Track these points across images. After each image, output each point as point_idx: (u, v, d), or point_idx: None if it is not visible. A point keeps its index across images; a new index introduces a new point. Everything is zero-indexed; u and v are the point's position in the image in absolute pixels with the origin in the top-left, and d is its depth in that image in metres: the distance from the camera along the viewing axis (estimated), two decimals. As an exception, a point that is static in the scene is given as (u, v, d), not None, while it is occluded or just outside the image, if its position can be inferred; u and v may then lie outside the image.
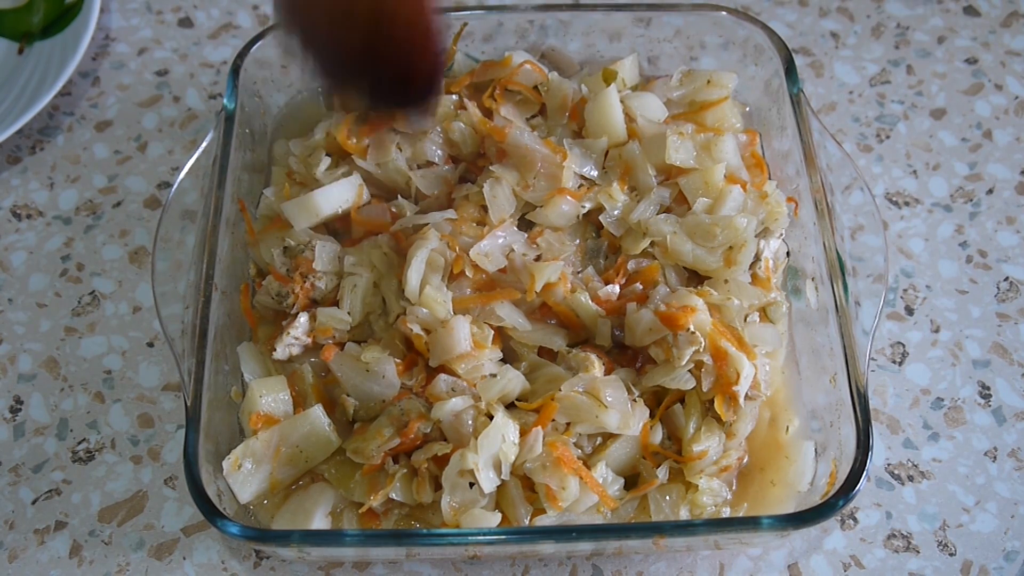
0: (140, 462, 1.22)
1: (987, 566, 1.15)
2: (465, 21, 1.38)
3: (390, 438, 1.06)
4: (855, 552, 1.16)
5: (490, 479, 1.04)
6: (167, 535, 1.18)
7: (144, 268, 1.37)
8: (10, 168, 1.47)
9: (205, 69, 1.57)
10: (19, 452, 1.23)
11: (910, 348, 1.30)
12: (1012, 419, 1.25)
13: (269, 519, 1.09)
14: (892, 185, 1.44)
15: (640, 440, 1.11)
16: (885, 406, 1.26)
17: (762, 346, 1.16)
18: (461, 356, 1.11)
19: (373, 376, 1.12)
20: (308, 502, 1.09)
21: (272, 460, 1.09)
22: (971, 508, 1.19)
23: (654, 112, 1.29)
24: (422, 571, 1.15)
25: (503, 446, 1.04)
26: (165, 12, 1.64)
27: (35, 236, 1.40)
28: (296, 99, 1.42)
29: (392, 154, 1.25)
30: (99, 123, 1.52)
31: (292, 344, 1.17)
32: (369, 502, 1.06)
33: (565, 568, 1.16)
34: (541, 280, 1.15)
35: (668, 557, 1.15)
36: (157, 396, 1.27)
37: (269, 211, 1.29)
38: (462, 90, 1.32)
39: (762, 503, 1.11)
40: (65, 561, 1.16)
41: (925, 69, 1.55)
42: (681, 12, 1.38)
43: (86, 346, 1.31)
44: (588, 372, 1.10)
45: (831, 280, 1.14)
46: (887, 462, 1.22)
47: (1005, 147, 1.47)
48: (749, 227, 1.17)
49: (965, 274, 1.36)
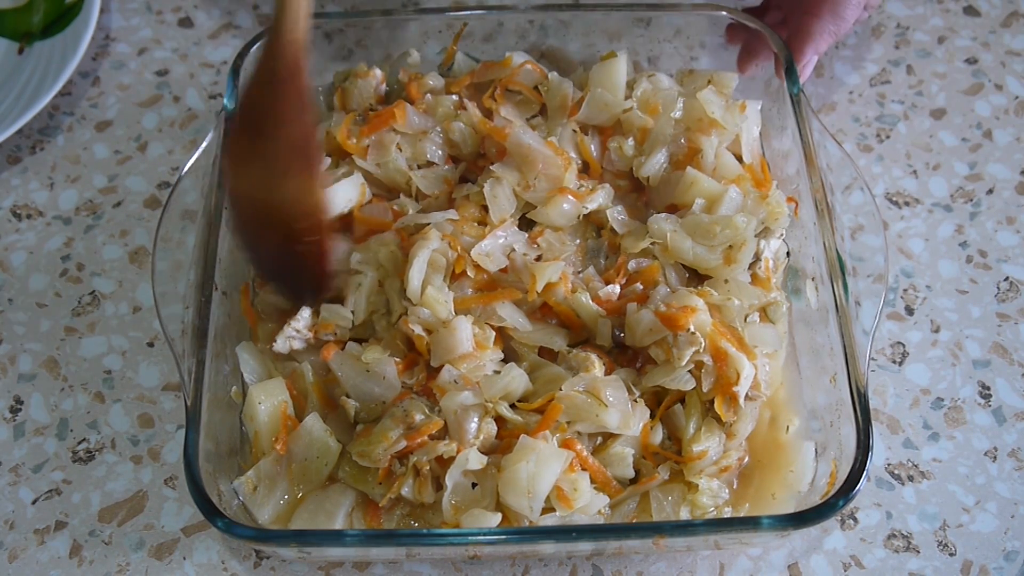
0: (140, 462, 1.22)
1: (987, 566, 1.15)
2: (465, 21, 1.38)
3: (396, 440, 1.06)
4: (855, 552, 1.16)
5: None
6: (167, 535, 1.18)
7: (144, 268, 1.37)
8: (10, 168, 1.47)
9: (205, 69, 1.57)
10: (19, 452, 1.23)
11: (910, 348, 1.30)
12: (1012, 419, 1.25)
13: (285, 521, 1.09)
14: (892, 185, 1.44)
15: (640, 440, 1.11)
16: (885, 406, 1.26)
17: (762, 346, 1.15)
18: (463, 356, 1.11)
19: (373, 377, 1.12)
20: (328, 503, 1.09)
21: (286, 478, 1.09)
22: (971, 508, 1.19)
23: (667, 83, 1.32)
24: (422, 571, 1.15)
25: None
26: (165, 12, 1.64)
27: (35, 236, 1.40)
28: (296, 99, 1.42)
29: (392, 154, 1.25)
30: (99, 123, 1.52)
31: (293, 336, 1.17)
32: (387, 497, 1.06)
33: (565, 568, 1.16)
34: (542, 280, 1.15)
35: (668, 557, 1.16)
36: (157, 396, 1.27)
37: (269, 211, 1.29)
38: (462, 90, 1.32)
39: (762, 503, 1.11)
40: (65, 561, 1.16)
41: (925, 69, 1.55)
42: (681, 12, 1.38)
43: (86, 346, 1.31)
44: (588, 372, 1.10)
45: (831, 280, 1.14)
46: (887, 462, 1.22)
47: (1005, 147, 1.47)
48: (749, 226, 1.17)
49: (965, 274, 1.36)
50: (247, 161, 1.09)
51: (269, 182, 1.09)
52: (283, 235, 1.12)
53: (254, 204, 1.11)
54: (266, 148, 1.08)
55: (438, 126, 1.28)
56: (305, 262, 1.15)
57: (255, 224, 1.13)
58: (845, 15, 1.31)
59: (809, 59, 1.33)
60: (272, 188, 1.09)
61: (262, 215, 1.11)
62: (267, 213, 1.11)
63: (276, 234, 1.12)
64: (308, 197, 1.10)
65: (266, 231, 1.13)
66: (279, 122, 1.07)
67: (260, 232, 1.14)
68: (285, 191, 1.09)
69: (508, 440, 1.08)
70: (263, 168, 1.09)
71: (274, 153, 1.08)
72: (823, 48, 1.33)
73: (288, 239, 1.12)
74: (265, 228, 1.13)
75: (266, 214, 1.11)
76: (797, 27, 1.33)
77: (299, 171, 1.09)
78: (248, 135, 1.09)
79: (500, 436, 1.10)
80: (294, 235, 1.11)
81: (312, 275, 1.17)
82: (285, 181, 1.09)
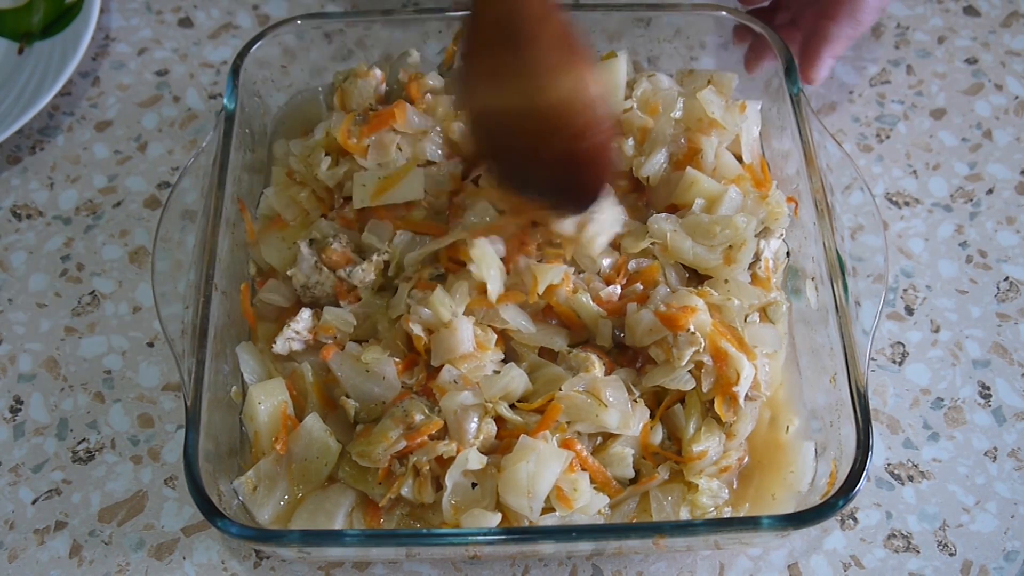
0: (140, 462, 1.22)
1: (987, 566, 1.15)
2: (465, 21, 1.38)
3: (396, 440, 1.06)
4: (855, 552, 1.16)
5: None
6: (167, 535, 1.18)
7: (144, 268, 1.37)
8: (10, 168, 1.47)
9: (205, 69, 1.57)
10: (19, 452, 1.23)
11: (910, 348, 1.30)
12: (1012, 419, 1.25)
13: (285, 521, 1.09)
14: (892, 185, 1.44)
15: (640, 440, 1.11)
16: (885, 406, 1.26)
17: (762, 346, 1.15)
18: (463, 356, 1.11)
19: (373, 377, 1.12)
20: (328, 503, 1.09)
21: (286, 478, 1.09)
22: (971, 508, 1.19)
23: (667, 83, 1.32)
24: (422, 571, 1.16)
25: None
26: (165, 12, 1.64)
27: (35, 236, 1.40)
28: (296, 99, 1.42)
29: (392, 154, 1.25)
30: (99, 123, 1.52)
31: (292, 338, 1.17)
32: (387, 497, 1.06)
33: (565, 568, 1.16)
34: (544, 282, 1.15)
35: (668, 557, 1.16)
36: (157, 396, 1.27)
37: (269, 211, 1.29)
38: (463, 90, 1.32)
39: (762, 503, 1.11)
40: (65, 561, 1.16)
41: (925, 69, 1.55)
42: (681, 12, 1.38)
43: (86, 346, 1.31)
44: (589, 372, 1.10)
45: (831, 280, 1.14)
46: (887, 462, 1.22)
47: (1005, 147, 1.47)
48: (749, 226, 1.17)
49: (965, 274, 1.36)
50: (502, 76, 1.03)
51: (536, 86, 1.02)
52: (560, 140, 1.04)
53: (519, 118, 1.04)
54: (526, 53, 1.01)
55: (438, 126, 1.28)
56: (587, 162, 1.07)
57: (521, 140, 1.06)
58: (863, 19, 1.31)
59: (825, 62, 1.33)
60: (541, 91, 1.02)
61: (530, 127, 1.04)
62: (538, 121, 1.04)
63: (550, 142, 1.05)
64: (586, 88, 1.03)
65: (537, 142, 1.05)
66: (537, 20, 1.01)
67: (528, 148, 1.06)
68: (559, 89, 1.02)
69: (508, 440, 1.08)
70: (526, 75, 1.02)
71: (537, 54, 1.01)
72: (839, 51, 1.33)
73: (568, 140, 1.04)
74: (535, 139, 1.05)
75: (536, 123, 1.04)
76: (814, 30, 1.33)
77: (571, 63, 1.02)
78: (495, 48, 1.02)
79: (500, 436, 1.10)
80: (574, 135, 1.04)
81: (593, 176, 1.10)
82: (557, 78, 1.02)
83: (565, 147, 1.05)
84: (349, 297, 1.20)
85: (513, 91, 1.03)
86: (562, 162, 1.06)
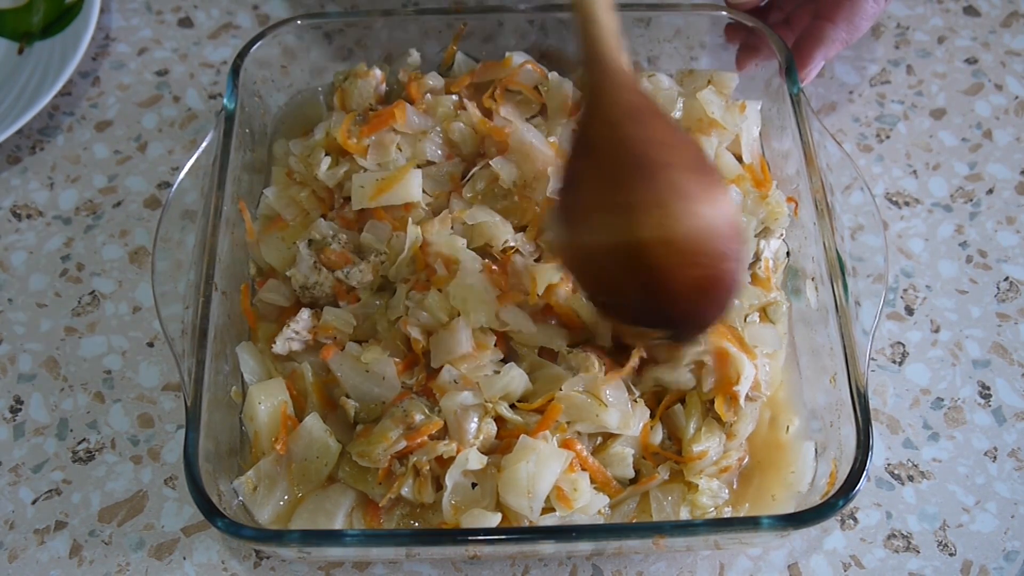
0: (140, 462, 1.22)
1: (987, 566, 1.15)
2: (465, 21, 1.38)
3: (396, 440, 1.06)
4: (855, 552, 1.16)
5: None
6: (167, 535, 1.18)
7: (144, 268, 1.37)
8: (10, 168, 1.47)
9: (205, 69, 1.57)
10: (19, 452, 1.23)
11: (910, 348, 1.30)
12: (1012, 419, 1.25)
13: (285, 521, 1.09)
14: (892, 185, 1.44)
15: (640, 440, 1.11)
16: (885, 406, 1.26)
17: (762, 346, 1.15)
18: (463, 357, 1.11)
19: (373, 377, 1.12)
20: (328, 503, 1.09)
21: (286, 478, 1.09)
22: (971, 508, 1.19)
23: (667, 83, 1.32)
24: (422, 571, 1.16)
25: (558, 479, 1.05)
26: (165, 12, 1.64)
27: (35, 236, 1.40)
28: (296, 99, 1.42)
29: (392, 154, 1.25)
30: (99, 123, 1.52)
31: (292, 338, 1.17)
32: (387, 497, 1.06)
33: (565, 568, 1.16)
34: (543, 282, 1.15)
35: (668, 557, 1.16)
36: (157, 396, 1.27)
37: (269, 211, 1.29)
38: (462, 90, 1.32)
39: (762, 503, 1.11)
40: (65, 561, 1.16)
41: (925, 69, 1.55)
42: (681, 12, 1.38)
43: (86, 346, 1.31)
44: (588, 372, 1.10)
45: (831, 280, 1.14)
46: (887, 462, 1.22)
47: (1005, 147, 1.47)
48: (749, 226, 1.17)
49: (965, 274, 1.36)
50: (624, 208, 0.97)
51: (672, 215, 0.95)
52: (697, 269, 0.97)
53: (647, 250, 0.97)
54: (655, 183, 0.96)
55: (438, 126, 1.28)
56: (718, 289, 1.00)
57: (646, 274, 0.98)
58: (860, 24, 1.32)
59: (817, 63, 1.33)
60: (678, 220, 0.95)
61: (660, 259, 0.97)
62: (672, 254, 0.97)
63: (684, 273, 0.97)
64: (728, 209, 0.98)
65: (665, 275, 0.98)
66: (671, 148, 0.98)
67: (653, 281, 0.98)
68: (698, 216, 0.96)
69: (508, 440, 1.08)
70: (662, 206, 0.95)
71: (672, 181, 0.96)
72: (832, 54, 1.33)
73: (705, 268, 0.97)
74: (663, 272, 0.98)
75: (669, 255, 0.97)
76: (810, 30, 1.33)
77: (710, 187, 0.98)
78: (616, 182, 0.97)
79: (500, 436, 1.10)
80: (709, 263, 0.97)
81: (722, 302, 1.02)
82: (696, 205, 0.96)
83: (699, 275, 0.98)
84: (348, 297, 1.20)
85: (642, 223, 0.96)
86: (692, 291, 0.99)
